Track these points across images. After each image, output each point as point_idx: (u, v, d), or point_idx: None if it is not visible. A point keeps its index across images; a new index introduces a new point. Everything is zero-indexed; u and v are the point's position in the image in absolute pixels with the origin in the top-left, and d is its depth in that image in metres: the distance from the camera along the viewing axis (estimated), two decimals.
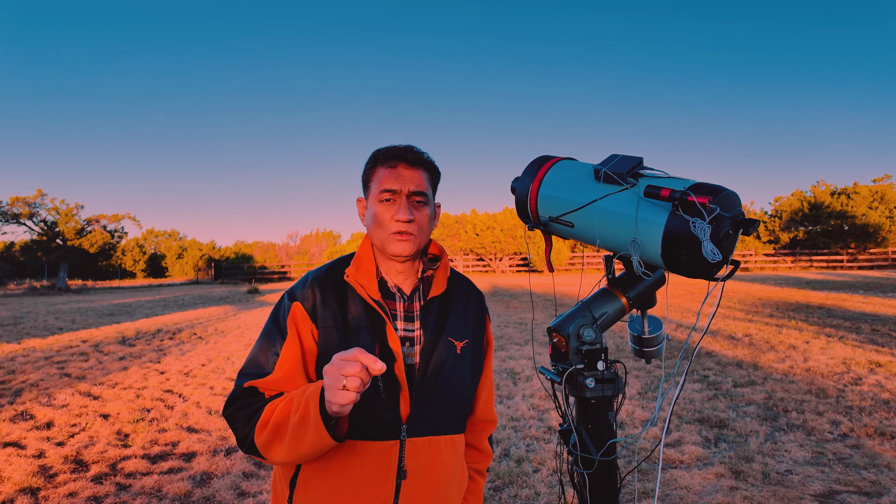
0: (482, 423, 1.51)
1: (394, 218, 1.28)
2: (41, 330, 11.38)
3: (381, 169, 1.31)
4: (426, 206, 1.32)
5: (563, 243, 31.00)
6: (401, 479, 1.26)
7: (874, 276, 24.15)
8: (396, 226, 1.28)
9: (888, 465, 3.72)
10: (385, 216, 1.29)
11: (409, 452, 1.27)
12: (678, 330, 9.78)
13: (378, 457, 1.25)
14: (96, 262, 36.79)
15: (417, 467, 1.27)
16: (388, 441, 1.25)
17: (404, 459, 1.26)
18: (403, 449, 1.26)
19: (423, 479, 1.28)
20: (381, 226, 1.30)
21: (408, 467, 1.26)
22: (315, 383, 1.14)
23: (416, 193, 1.30)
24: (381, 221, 1.30)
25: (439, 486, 1.31)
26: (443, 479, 1.32)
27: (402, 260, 1.33)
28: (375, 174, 1.32)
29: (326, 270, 1.35)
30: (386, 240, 1.30)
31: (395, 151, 1.31)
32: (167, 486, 3.64)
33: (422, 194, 1.31)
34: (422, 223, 1.31)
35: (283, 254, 43.25)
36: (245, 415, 1.21)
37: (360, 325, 1.28)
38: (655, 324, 1.35)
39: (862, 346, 7.64)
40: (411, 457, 1.27)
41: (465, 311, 1.42)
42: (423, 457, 1.28)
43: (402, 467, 1.26)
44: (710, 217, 0.99)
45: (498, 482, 3.63)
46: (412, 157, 1.31)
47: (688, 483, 3.54)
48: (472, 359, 1.41)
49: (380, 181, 1.30)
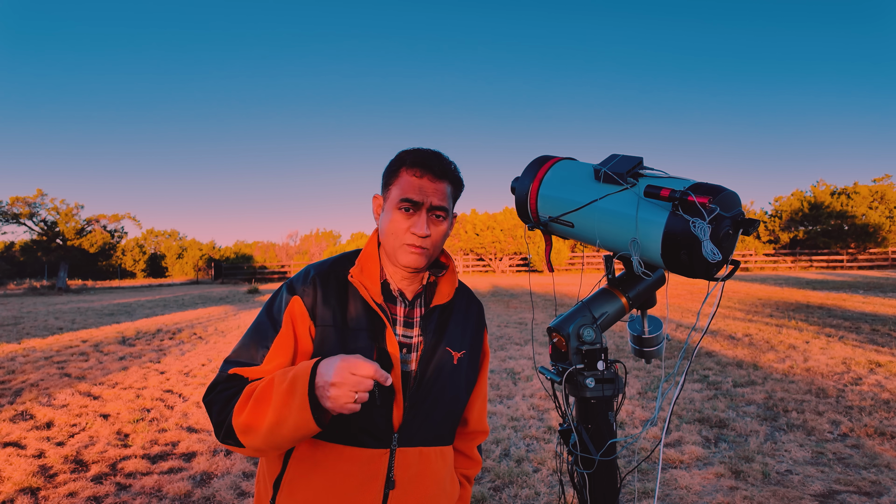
0: (474, 434, 1.49)
1: (410, 230, 1.24)
2: (41, 330, 11.38)
3: (405, 175, 1.26)
4: (444, 220, 1.29)
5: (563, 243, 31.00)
6: (389, 489, 1.23)
7: (874, 276, 24.15)
8: (412, 238, 1.24)
9: (888, 465, 3.72)
10: (402, 225, 1.25)
11: (398, 462, 1.24)
12: (678, 330, 9.78)
13: (367, 465, 1.22)
14: (96, 262, 36.78)
15: (406, 478, 1.25)
16: (378, 449, 1.23)
17: (394, 469, 1.23)
18: (393, 458, 1.24)
19: (412, 489, 1.26)
20: (396, 234, 1.26)
21: (397, 477, 1.24)
22: (302, 364, 1.09)
23: (437, 208, 1.26)
24: (396, 230, 1.26)
25: (428, 498, 1.29)
26: (432, 490, 1.30)
27: (411, 271, 1.30)
28: (399, 178, 1.27)
29: (329, 266, 1.31)
30: (398, 249, 1.26)
31: (423, 159, 1.26)
32: (167, 486, 3.64)
33: (443, 209, 1.27)
34: (437, 238, 1.28)
35: (283, 254, 43.25)
36: (224, 398, 1.15)
37: (359, 327, 1.25)
38: (655, 324, 1.35)
39: (862, 346, 7.64)
40: (401, 467, 1.24)
41: (464, 321, 1.40)
42: (412, 467, 1.26)
43: (391, 477, 1.23)
44: (710, 217, 0.99)
45: (498, 482, 3.63)
46: (439, 169, 1.26)
47: (688, 483, 3.54)
48: (468, 370, 1.39)
49: (402, 188, 1.25)
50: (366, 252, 1.33)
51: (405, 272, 1.31)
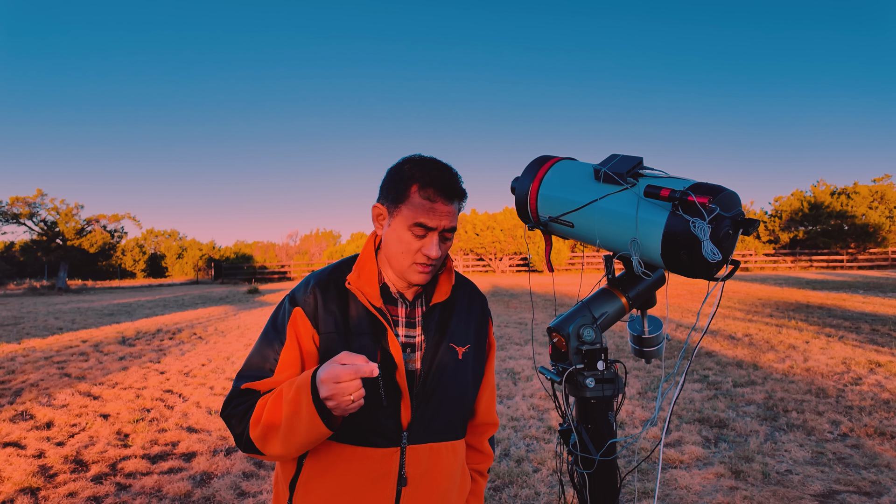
0: (484, 426, 1.51)
1: (422, 251, 1.25)
2: (41, 330, 11.38)
3: (417, 196, 1.24)
4: (452, 236, 1.31)
5: (563, 243, 31.01)
6: (401, 486, 1.25)
7: (874, 276, 24.15)
8: (422, 258, 1.26)
9: (888, 465, 3.72)
10: (413, 247, 1.26)
11: (409, 459, 1.26)
12: (678, 330, 9.79)
13: (379, 464, 1.24)
14: (96, 262, 36.81)
15: (418, 474, 1.27)
16: (388, 448, 1.25)
17: (405, 466, 1.26)
18: (404, 456, 1.26)
19: (424, 486, 1.28)
20: (407, 254, 1.26)
21: (408, 474, 1.26)
22: (304, 374, 1.15)
23: (448, 230, 1.27)
24: (407, 250, 1.26)
25: (440, 493, 1.31)
26: (443, 485, 1.32)
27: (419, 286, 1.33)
28: (410, 199, 1.25)
29: (329, 274, 1.34)
30: (408, 269, 1.27)
31: (436, 182, 1.25)
32: (167, 486, 3.64)
33: (452, 230, 1.29)
34: (444, 254, 1.30)
35: (282, 254, 43.26)
36: (240, 412, 1.22)
37: (361, 331, 1.27)
38: (655, 324, 1.35)
39: (862, 346, 7.64)
40: (412, 464, 1.26)
41: (467, 315, 1.41)
42: (423, 464, 1.28)
43: (403, 474, 1.25)
44: (710, 217, 0.99)
45: (498, 482, 3.63)
46: (451, 193, 1.26)
47: (688, 483, 3.54)
48: (474, 364, 1.40)
49: (415, 212, 1.24)
50: (363, 257, 1.34)
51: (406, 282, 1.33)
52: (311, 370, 1.13)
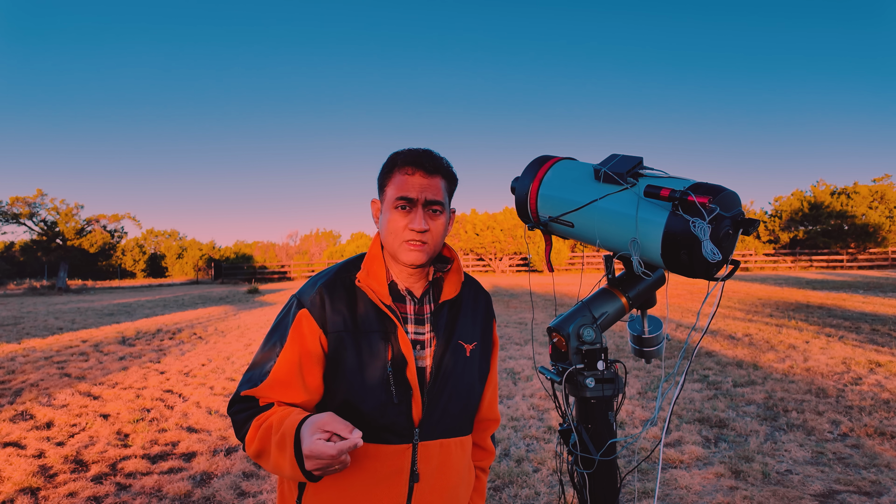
0: (486, 422, 1.52)
1: (408, 227, 1.27)
2: (41, 330, 11.39)
3: (398, 174, 1.29)
4: (442, 214, 1.30)
5: (563, 243, 31.01)
6: (413, 482, 1.26)
7: (874, 275, 24.15)
8: (410, 234, 1.27)
9: (888, 464, 3.72)
10: (399, 224, 1.27)
11: (421, 456, 1.27)
12: (678, 330, 9.79)
13: (391, 460, 1.25)
14: (96, 262, 36.81)
15: (430, 470, 1.28)
16: (401, 445, 1.26)
17: (417, 463, 1.27)
18: (416, 452, 1.27)
19: (435, 481, 1.29)
20: (395, 233, 1.28)
21: (420, 470, 1.27)
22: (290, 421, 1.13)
23: (432, 202, 1.28)
24: (394, 228, 1.28)
25: (450, 489, 1.32)
26: (453, 481, 1.33)
27: (414, 268, 1.32)
28: (392, 179, 1.30)
29: (335, 274, 1.34)
30: (399, 248, 1.28)
31: (413, 157, 1.29)
32: (167, 486, 3.64)
33: (438, 203, 1.29)
34: (436, 232, 1.30)
35: (283, 254, 43.26)
36: (240, 420, 1.24)
37: (371, 329, 1.27)
38: (655, 324, 1.35)
39: (862, 346, 7.64)
40: (424, 460, 1.28)
41: (473, 313, 1.42)
42: (435, 459, 1.29)
43: (415, 470, 1.27)
44: (710, 217, 0.99)
45: (498, 482, 3.63)
46: (430, 165, 1.28)
47: (688, 483, 3.54)
48: (481, 361, 1.42)
49: (396, 187, 1.28)
50: (370, 255, 1.35)
51: (409, 270, 1.33)
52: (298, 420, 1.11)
